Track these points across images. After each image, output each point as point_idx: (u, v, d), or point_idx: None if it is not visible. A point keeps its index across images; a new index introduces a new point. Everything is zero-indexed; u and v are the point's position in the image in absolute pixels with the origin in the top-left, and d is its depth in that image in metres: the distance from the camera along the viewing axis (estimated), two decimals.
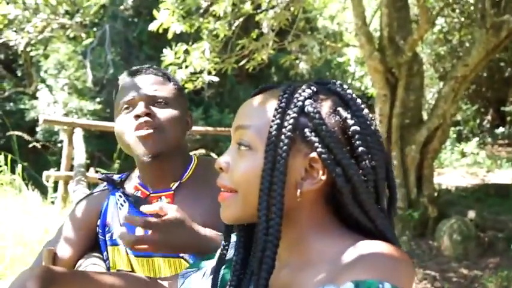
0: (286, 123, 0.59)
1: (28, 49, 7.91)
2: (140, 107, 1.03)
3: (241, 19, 4.80)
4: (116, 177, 1.16)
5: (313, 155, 0.59)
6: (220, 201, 0.66)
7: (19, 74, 9.82)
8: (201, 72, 4.52)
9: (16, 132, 4.09)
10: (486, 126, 10.16)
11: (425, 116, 5.27)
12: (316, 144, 0.59)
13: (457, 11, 6.14)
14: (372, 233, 0.60)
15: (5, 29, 5.12)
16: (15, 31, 5.24)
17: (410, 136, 4.73)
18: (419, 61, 4.96)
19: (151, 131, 1.02)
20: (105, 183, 1.17)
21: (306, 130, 0.59)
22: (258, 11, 4.95)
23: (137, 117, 1.02)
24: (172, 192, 1.08)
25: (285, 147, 0.58)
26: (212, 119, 9.16)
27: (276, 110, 0.61)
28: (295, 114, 0.59)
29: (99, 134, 8.18)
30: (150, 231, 0.87)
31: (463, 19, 5.98)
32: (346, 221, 0.63)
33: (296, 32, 5.38)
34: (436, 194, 5.18)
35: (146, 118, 1.02)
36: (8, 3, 4.76)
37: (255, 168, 0.61)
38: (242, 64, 5.27)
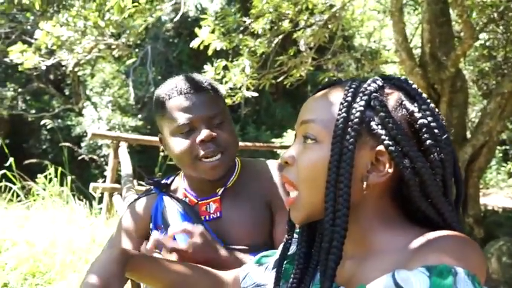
0: (352, 117, 0.60)
1: (76, 69, 8.37)
2: (204, 132, 1.02)
3: (280, 36, 4.87)
4: (162, 181, 1.20)
5: (380, 147, 0.60)
6: (288, 206, 0.67)
7: (67, 92, 10.36)
8: (240, 88, 4.60)
9: (67, 144, 4.31)
10: None
11: (469, 135, 5.10)
12: (383, 137, 0.59)
13: (501, 27, 5.97)
14: (440, 227, 0.60)
15: (57, 50, 5.45)
16: (66, 52, 5.57)
17: None
18: (463, 77, 4.84)
19: (218, 156, 1.03)
20: (151, 187, 1.20)
21: (373, 123, 0.60)
22: (296, 28, 5.02)
23: (202, 142, 1.02)
24: (219, 197, 1.10)
25: (351, 140, 0.59)
26: (249, 135, 9.25)
27: (341, 103, 0.62)
28: (361, 108, 0.60)
29: (140, 150, 8.44)
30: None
31: (508, 34, 5.80)
32: (412, 215, 0.63)
33: (334, 49, 5.40)
34: (482, 215, 4.95)
35: (213, 146, 1.02)
36: (61, 26, 5.08)
37: (321, 160, 0.62)
38: (278, 82, 5.33)
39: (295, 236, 0.75)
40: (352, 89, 0.63)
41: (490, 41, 6.38)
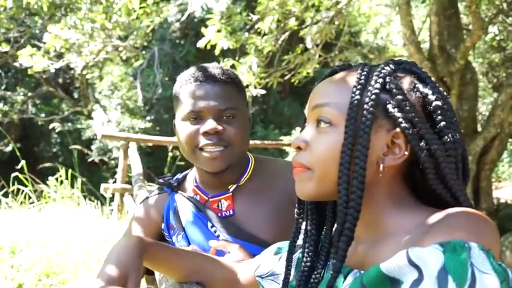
0: (367, 99, 0.60)
1: (84, 72, 8.45)
2: (210, 123, 1.00)
3: (286, 34, 4.87)
4: (172, 179, 1.19)
5: (397, 130, 0.60)
6: (295, 176, 0.66)
7: (76, 96, 10.46)
8: (247, 86, 4.60)
9: (77, 147, 4.34)
10: None
11: (479, 128, 5.04)
12: (400, 119, 0.59)
13: (511, 18, 5.89)
14: (451, 206, 0.59)
15: (66, 53, 5.52)
16: (75, 54, 5.63)
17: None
18: (472, 69, 4.78)
19: (220, 149, 1.01)
20: (162, 186, 1.20)
21: (389, 106, 0.60)
22: (302, 26, 5.01)
23: (205, 133, 1.00)
24: (231, 194, 1.08)
25: (367, 122, 0.59)
26: (257, 135, 9.26)
27: (355, 86, 0.61)
28: (376, 90, 0.60)
29: (149, 151, 8.49)
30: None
31: None
32: (421, 196, 0.64)
33: (341, 44, 5.38)
34: (495, 208, 4.90)
35: (216, 139, 1.00)
36: (69, 29, 5.13)
37: (336, 143, 0.61)
38: (285, 81, 5.32)
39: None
40: (365, 72, 0.63)
41: (499, 33, 6.30)
